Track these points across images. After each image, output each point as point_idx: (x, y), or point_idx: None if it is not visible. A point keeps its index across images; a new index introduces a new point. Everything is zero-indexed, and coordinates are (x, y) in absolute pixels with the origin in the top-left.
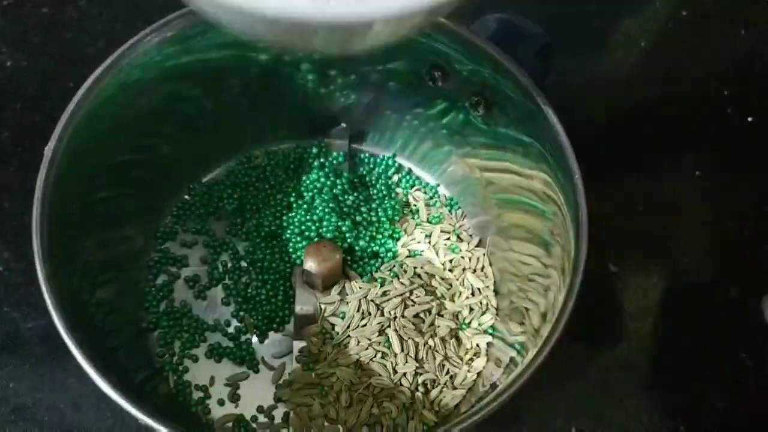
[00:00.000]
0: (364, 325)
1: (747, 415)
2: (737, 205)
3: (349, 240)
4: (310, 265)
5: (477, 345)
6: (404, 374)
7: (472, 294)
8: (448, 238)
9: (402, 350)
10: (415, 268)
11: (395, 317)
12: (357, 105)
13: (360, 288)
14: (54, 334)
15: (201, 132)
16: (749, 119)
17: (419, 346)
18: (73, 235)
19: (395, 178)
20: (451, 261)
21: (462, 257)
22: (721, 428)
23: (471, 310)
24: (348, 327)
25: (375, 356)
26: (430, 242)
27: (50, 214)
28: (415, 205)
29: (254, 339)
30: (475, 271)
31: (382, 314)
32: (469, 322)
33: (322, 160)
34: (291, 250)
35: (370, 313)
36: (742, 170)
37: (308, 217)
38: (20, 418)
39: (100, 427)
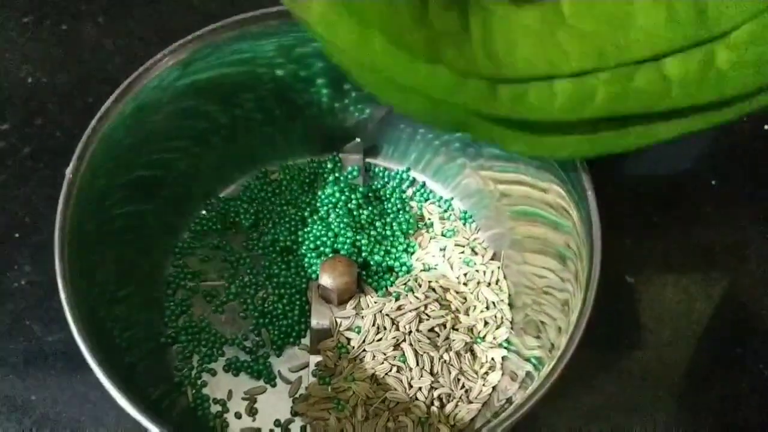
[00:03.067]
0: (380, 339)
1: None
2: (755, 216)
3: (364, 254)
4: (326, 280)
5: (492, 359)
6: (420, 388)
7: (487, 308)
8: (463, 252)
9: (417, 364)
10: (429, 282)
11: (410, 331)
12: (371, 119)
13: (375, 302)
14: (75, 349)
15: (217, 147)
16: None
17: (434, 360)
18: (93, 252)
19: (409, 191)
20: (465, 275)
21: (476, 270)
22: None
23: (486, 323)
24: (363, 341)
25: (390, 370)
26: (444, 256)
27: (71, 232)
28: (429, 219)
29: (271, 353)
30: (489, 284)
31: (398, 329)
32: (484, 336)
33: (336, 174)
34: (306, 265)
35: (385, 328)
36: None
37: (323, 232)
38: (41, 431)
39: None
